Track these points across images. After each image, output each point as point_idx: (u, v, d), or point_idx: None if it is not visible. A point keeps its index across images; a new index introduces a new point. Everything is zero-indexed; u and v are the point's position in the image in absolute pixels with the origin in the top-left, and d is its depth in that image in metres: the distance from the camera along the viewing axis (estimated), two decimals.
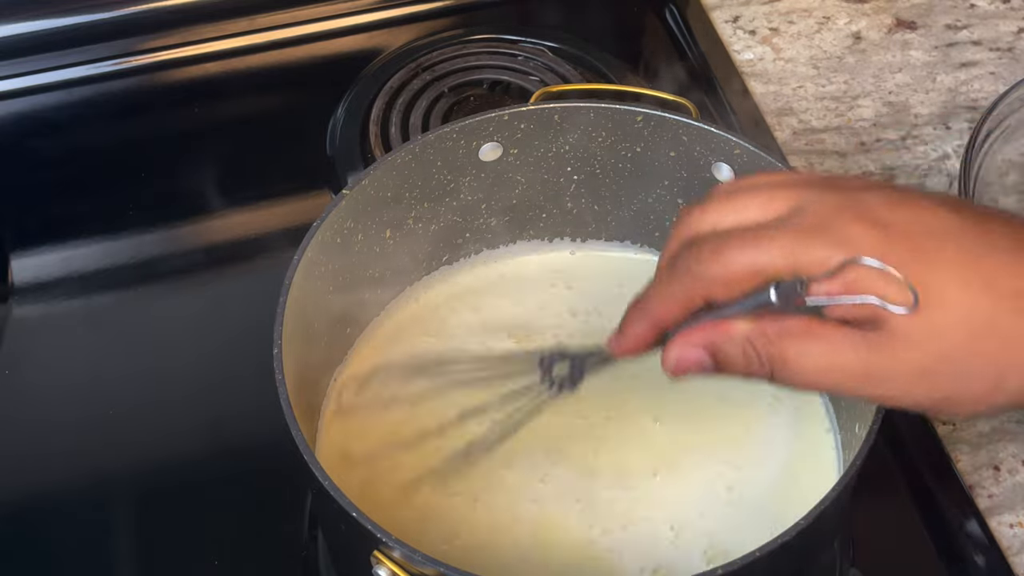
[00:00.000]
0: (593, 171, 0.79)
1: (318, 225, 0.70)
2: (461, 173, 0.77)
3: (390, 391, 0.75)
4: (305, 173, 0.93)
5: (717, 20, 1.02)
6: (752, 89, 0.96)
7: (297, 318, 0.67)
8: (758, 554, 0.58)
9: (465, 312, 0.80)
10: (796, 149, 0.92)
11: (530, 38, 1.00)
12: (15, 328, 0.84)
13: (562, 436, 0.72)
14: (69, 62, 0.98)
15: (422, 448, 0.71)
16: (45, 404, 0.80)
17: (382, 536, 0.58)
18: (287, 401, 0.62)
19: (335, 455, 0.72)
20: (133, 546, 0.75)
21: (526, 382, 0.69)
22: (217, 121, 0.97)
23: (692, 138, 0.75)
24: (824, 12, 1.02)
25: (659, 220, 0.80)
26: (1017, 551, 0.73)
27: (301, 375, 0.68)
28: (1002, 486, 0.75)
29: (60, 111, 0.97)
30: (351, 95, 0.96)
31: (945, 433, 0.77)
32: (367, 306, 0.77)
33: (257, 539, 0.74)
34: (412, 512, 0.70)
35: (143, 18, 0.99)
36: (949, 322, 0.53)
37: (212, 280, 0.88)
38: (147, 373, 0.81)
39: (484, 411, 0.70)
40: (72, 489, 0.77)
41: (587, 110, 0.76)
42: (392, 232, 0.76)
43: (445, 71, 0.97)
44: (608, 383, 0.66)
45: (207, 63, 1.00)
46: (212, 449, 0.78)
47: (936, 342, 0.53)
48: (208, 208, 0.91)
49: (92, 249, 0.89)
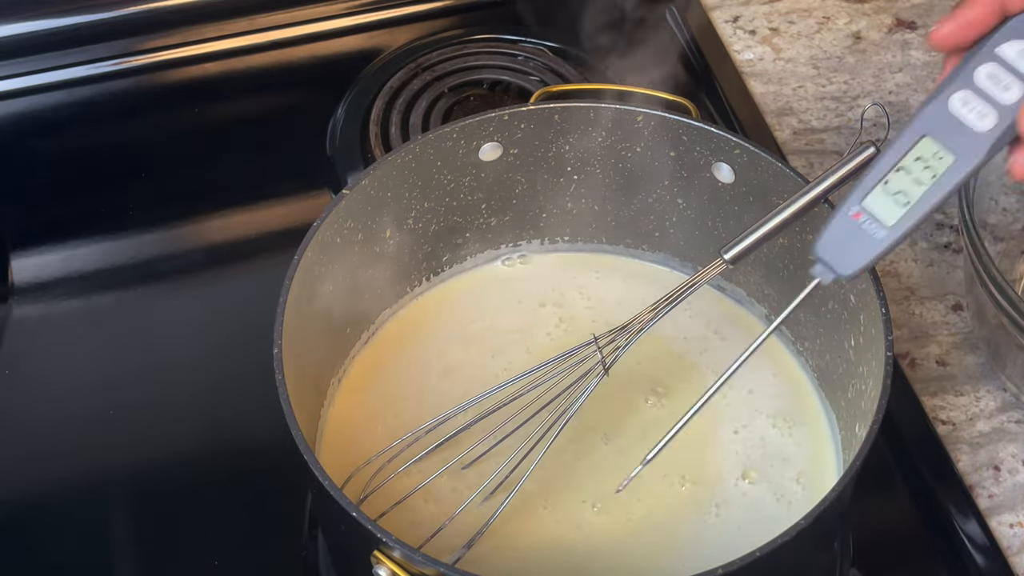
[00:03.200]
0: (593, 171, 0.79)
1: (318, 225, 0.70)
2: (461, 173, 0.77)
3: (390, 391, 0.76)
4: (305, 173, 0.93)
5: (717, 20, 1.02)
6: (752, 89, 0.96)
7: (297, 318, 0.67)
8: (758, 554, 0.58)
9: (465, 312, 0.80)
10: (796, 149, 0.92)
11: (530, 38, 1.00)
12: (15, 328, 0.84)
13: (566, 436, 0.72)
14: (69, 62, 0.98)
15: (423, 448, 0.71)
16: (45, 404, 0.80)
17: (382, 536, 0.58)
18: (287, 401, 0.62)
19: (335, 455, 0.72)
20: (133, 546, 0.75)
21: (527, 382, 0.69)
22: (217, 121, 0.97)
23: (692, 138, 0.75)
24: (824, 12, 1.02)
25: (659, 220, 0.80)
26: (1017, 551, 0.73)
27: (301, 375, 0.68)
28: (1002, 486, 0.75)
29: (60, 111, 0.97)
30: (351, 95, 0.96)
31: (945, 433, 0.77)
32: (367, 306, 0.77)
33: (257, 539, 0.74)
34: (413, 512, 0.70)
35: (143, 18, 0.99)
36: None
37: (212, 280, 0.88)
38: (147, 373, 0.81)
39: (485, 412, 0.70)
40: (72, 488, 0.77)
41: (587, 110, 0.76)
42: (392, 232, 0.76)
43: (445, 71, 0.97)
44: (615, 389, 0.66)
45: (207, 63, 1.00)
46: (212, 449, 0.78)
47: None
48: (208, 208, 0.91)
49: (92, 249, 0.89)
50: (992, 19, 0.59)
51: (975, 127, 0.59)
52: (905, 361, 0.81)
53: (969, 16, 0.59)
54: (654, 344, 0.75)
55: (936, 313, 0.83)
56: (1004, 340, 0.76)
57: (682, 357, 0.77)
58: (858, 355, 0.70)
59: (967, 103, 0.59)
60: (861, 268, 0.61)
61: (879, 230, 0.60)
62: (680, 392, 0.75)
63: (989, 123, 0.59)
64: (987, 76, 0.59)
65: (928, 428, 0.78)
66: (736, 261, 0.67)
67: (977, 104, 0.59)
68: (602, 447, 0.73)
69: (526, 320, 0.79)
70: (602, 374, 0.68)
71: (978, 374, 0.80)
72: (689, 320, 0.79)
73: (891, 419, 0.77)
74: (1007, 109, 0.59)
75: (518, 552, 0.69)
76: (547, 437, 0.68)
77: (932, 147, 0.59)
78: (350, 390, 0.76)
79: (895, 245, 0.61)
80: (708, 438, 0.73)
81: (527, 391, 0.69)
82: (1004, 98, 0.59)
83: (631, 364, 0.65)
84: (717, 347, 0.77)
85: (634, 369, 0.75)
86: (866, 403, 0.67)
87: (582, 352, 0.68)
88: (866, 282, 0.67)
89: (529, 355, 0.77)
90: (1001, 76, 0.59)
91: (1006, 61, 0.59)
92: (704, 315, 0.79)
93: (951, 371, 0.80)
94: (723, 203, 0.76)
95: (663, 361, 0.76)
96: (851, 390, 0.70)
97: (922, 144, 0.60)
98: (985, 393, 0.79)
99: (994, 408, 0.79)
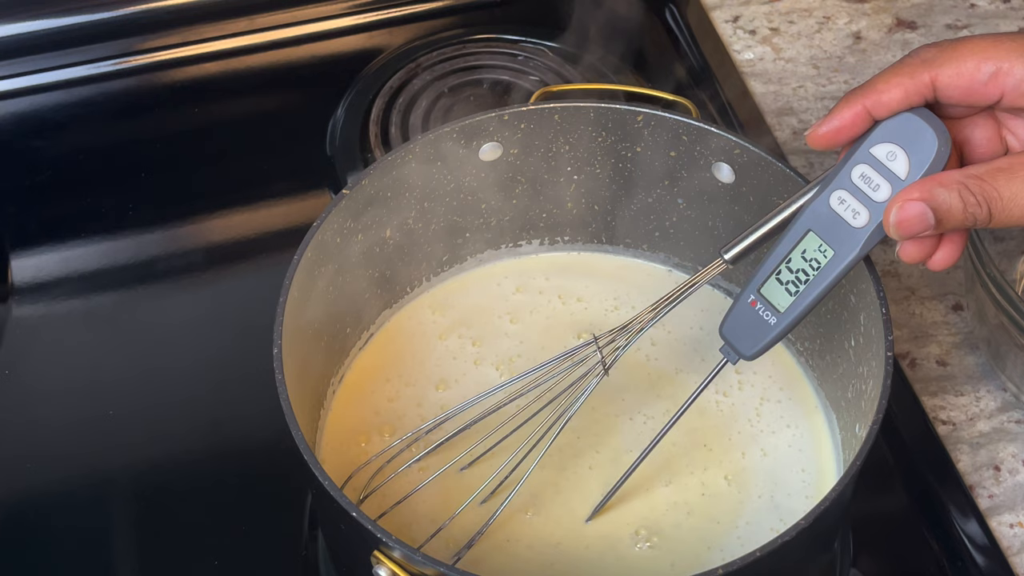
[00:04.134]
0: (593, 171, 0.79)
1: (318, 225, 0.70)
2: (461, 173, 0.77)
3: (390, 391, 0.76)
4: (305, 173, 0.93)
5: (717, 20, 1.02)
6: (752, 89, 0.96)
7: (297, 318, 0.67)
8: (758, 554, 0.58)
9: (465, 312, 0.80)
10: (796, 149, 0.92)
11: (530, 38, 1.00)
12: (15, 328, 0.84)
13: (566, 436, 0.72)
14: (69, 62, 0.98)
15: (423, 448, 0.71)
16: (45, 404, 0.80)
17: (382, 536, 0.58)
18: (287, 401, 0.62)
19: (335, 455, 0.72)
20: (133, 546, 0.75)
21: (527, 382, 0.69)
22: (217, 121, 0.97)
23: (692, 138, 0.75)
24: (824, 12, 1.02)
25: (659, 220, 0.80)
26: (1017, 551, 0.73)
27: (301, 375, 0.68)
28: (1002, 486, 0.75)
29: (60, 111, 0.97)
30: (351, 95, 0.96)
31: (945, 433, 0.77)
32: (367, 306, 0.77)
33: (257, 539, 0.74)
34: (413, 512, 0.70)
35: (143, 18, 0.99)
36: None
37: (212, 280, 0.87)
38: (147, 373, 0.81)
39: (485, 412, 0.70)
40: (72, 489, 0.76)
41: (587, 110, 0.76)
42: (392, 232, 0.76)
43: (445, 71, 0.97)
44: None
45: (207, 63, 1.00)
46: (212, 449, 0.78)
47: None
48: (208, 208, 0.91)
49: (92, 249, 0.89)
50: (862, 123, 0.62)
51: (851, 223, 0.63)
52: (905, 361, 0.81)
53: (840, 122, 0.62)
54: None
55: (936, 313, 0.83)
56: (1004, 340, 0.76)
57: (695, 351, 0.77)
58: (858, 355, 0.70)
59: (843, 201, 0.63)
60: (758, 351, 0.66)
61: (772, 316, 0.65)
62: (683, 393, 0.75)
63: (862, 220, 0.62)
64: (860, 176, 0.62)
65: (928, 428, 0.78)
66: (736, 261, 0.67)
67: (852, 203, 0.63)
68: (603, 450, 0.73)
69: (526, 320, 0.79)
70: (602, 374, 0.68)
71: (978, 374, 0.80)
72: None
73: (891, 419, 0.77)
74: (878, 207, 0.62)
75: (518, 552, 0.69)
76: (547, 437, 0.68)
77: (816, 241, 0.64)
78: (350, 390, 0.76)
79: (788, 330, 0.65)
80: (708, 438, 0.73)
81: (527, 391, 0.69)
82: (875, 197, 0.62)
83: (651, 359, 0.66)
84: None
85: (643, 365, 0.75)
86: (866, 403, 0.67)
87: (582, 352, 0.68)
88: (866, 282, 0.67)
89: (529, 355, 0.77)
90: (872, 176, 0.62)
91: (878, 161, 0.62)
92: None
93: (951, 371, 0.80)
94: (723, 203, 0.76)
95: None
96: (851, 390, 0.70)
97: (807, 238, 0.64)
98: (985, 393, 0.79)
99: (994, 408, 0.79)
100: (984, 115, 0.63)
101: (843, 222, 0.63)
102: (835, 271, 0.63)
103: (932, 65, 0.60)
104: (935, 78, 0.60)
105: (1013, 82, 0.60)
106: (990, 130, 0.63)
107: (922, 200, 0.59)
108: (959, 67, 0.60)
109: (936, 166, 0.60)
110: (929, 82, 0.60)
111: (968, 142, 0.64)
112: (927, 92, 0.61)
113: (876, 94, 0.61)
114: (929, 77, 0.60)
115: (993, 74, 0.60)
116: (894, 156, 0.61)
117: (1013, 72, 0.59)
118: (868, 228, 0.62)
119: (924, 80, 0.60)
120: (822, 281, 0.64)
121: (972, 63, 0.60)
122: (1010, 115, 0.63)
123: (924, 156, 0.61)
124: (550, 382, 0.69)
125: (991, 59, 0.60)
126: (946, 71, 0.60)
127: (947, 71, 0.60)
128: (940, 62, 0.60)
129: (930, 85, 0.60)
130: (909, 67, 0.61)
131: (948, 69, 0.60)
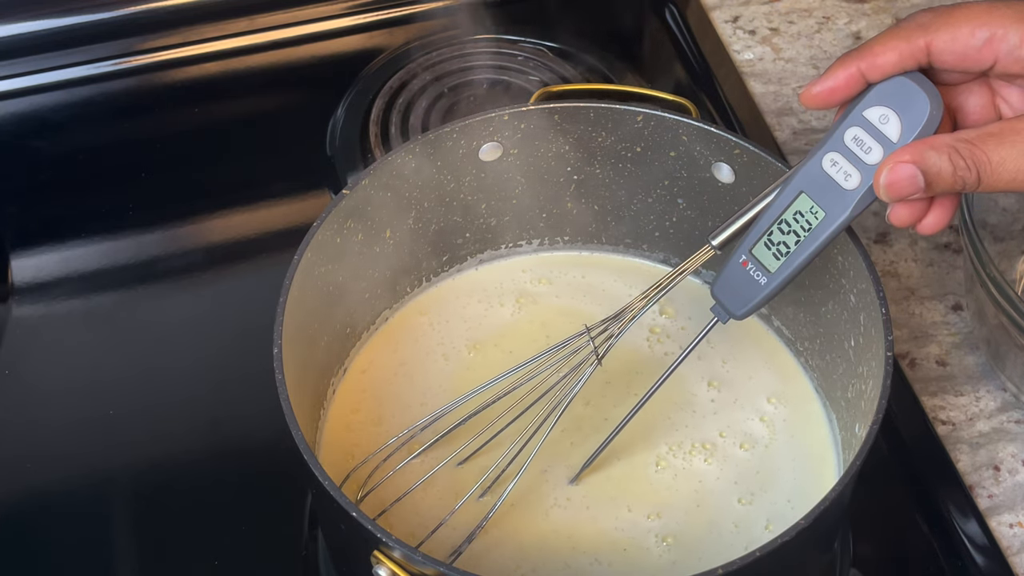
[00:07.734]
0: (593, 171, 0.79)
1: (318, 225, 0.70)
2: (461, 173, 0.77)
3: (390, 391, 0.76)
4: (305, 173, 0.93)
5: (717, 20, 1.02)
6: (752, 89, 0.96)
7: (297, 318, 0.67)
8: (758, 554, 0.58)
9: (465, 312, 0.80)
10: (796, 149, 0.92)
11: (530, 38, 1.00)
12: (15, 328, 0.84)
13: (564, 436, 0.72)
14: (69, 62, 0.98)
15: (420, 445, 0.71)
16: (45, 404, 0.80)
17: (382, 536, 0.58)
18: (287, 401, 0.62)
19: (335, 455, 0.72)
20: (133, 546, 0.75)
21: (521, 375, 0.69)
22: (217, 121, 0.97)
23: (692, 138, 0.75)
24: (824, 12, 1.02)
25: (659, 220, 0.80)
26: (1017, 551, 0.73)
27: (301, 375, 0.68)
28: (1002, 486, 0.75)
29: (60, 111, 0.97)
30: (351, 95, 0.96)
31: (945, 433, 0.77)
32: (367, 306, 0.77)
33: (257, 539, 0.74)
34: (411, 508, 0.70)
35: (143, 18, 0.99)
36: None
37: (212, 280, 0.88)
38: (147, 373, 0.81)
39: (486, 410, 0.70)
40: (72, 489, 0.76)
41: (587, 110, 0.76)
42: (392, 232, 0.76)
43: (445, 71, 0.97)
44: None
45: (207, 63, 1.00)
46: (212, 449, 0.78)
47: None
48: (208, 208, 0.91)
49: (92, 249, 0.89)
50: (856, 85, 0.62)
51: (843, 185, 0.63)
52: (905, 361, 0.81)
53: (834, 82, 0.62)
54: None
55: (936, 313, 0.83)
56: (1004, 340, 0.76)
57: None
58: (858, 355, 0.70)
59: (835, 164, 0.63)
60: (748, 310, 0.67)
61: (763, 276, 0.66)
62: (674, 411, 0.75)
63: (854, 183, 0.63)
64: (853, 139, 0.63)
65: (928, 428, 0.78)
66: (723, 247, 0.67)
67: (844, 165, 0.63)
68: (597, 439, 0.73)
69: (526, 320, 0.79)
70: (595, 364, 0.68)
71: (978, 374, 0.80)
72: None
73: (891, 419, 0.77)
74: (870, 170, 0.62)
75: (517, 547, 0.69)
76: (543, 429, 0.68)
77: (808, 203, 0.64)
78: (350, 390, 0.76)
79: (778, 290, 0.66)
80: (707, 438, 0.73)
81: (522, 384, 0.69)
82: (867, 159, 0.62)
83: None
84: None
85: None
86: (866, 403, 0.67)
87: (575, 343, 0.69)
88: (866, 282, 0.67)
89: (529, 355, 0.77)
90: (864, 139, 0.62)
91: (870, 124, 0.62)
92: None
93: (951, 371, 0.80)
94: (723, 203, 0.76)
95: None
96: (851, 390, 0.70)
97: (800, 200, 0.64)
98: (985, 393, 0.79)
99: (994, 408, 0.79)
100: (978, 82, 0.63)
101: (835, 184, 0.63)
102: (825, 232, 0.64)
103: (927, 30, 0.61)
104: (930, 43, 0.60)
105: (1007, 48, 0.60)
106: (984, 97, 0.64)
107: (912, 162, 0.59)
108: (954, 32, 0.60)
109: (928, 130, 0.61)
110: (924, 47, 0.61)
111: (962, 109, 0.64)
112: (921, 57, 0.61)
113: (871, 56, 0.61)
114: (924, 42, 0.60)
115: (987, 40, 0.60)
116: (886, 119, 0.61)
117: (1007, 38, 0.60)
118: (859, 190, 0.63)
119: (919, 44, 0.61)
120: (812, 242, 0.64)
121: (967, 28, 0.60)
122: (1004, 82, 0.63)
123: (916, 119, 0.61)
124: (544, 374, 0.69)
125: (985, 25, 0.60)
126: (941, 36, 0.60)
127: (942, 36, 0.60)
128: (935, 27, 0.60)
129: (924, 50, 0.61)
130: (905, 31, 0.61)
131: (943, 34, 0.60)
